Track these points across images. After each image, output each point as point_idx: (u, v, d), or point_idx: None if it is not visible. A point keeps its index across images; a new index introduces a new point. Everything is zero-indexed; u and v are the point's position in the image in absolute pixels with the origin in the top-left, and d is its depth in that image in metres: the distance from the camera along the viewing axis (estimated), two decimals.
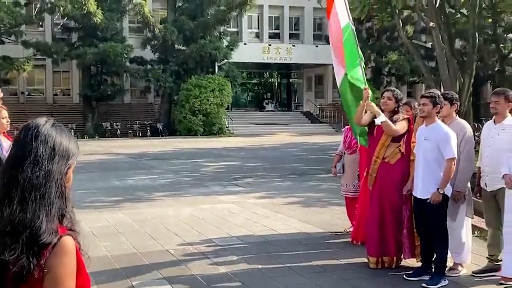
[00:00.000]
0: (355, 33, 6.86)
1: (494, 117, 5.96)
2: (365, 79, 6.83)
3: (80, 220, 1.91)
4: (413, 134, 6.28)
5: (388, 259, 6.28)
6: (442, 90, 15.77)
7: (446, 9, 19.05)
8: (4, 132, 5.48)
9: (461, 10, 20.71)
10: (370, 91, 6.52)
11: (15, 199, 1.75)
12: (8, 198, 1.76)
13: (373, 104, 6.32)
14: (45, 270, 1.74)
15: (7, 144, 5.20)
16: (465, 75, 16.83)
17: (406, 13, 28.80)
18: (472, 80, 17.31)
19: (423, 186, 5.73)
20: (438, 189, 5.59)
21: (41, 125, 1.86)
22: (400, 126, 6.25)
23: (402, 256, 6.34)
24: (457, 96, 6.42)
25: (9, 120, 5.53)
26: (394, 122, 6.23)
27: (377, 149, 6.34)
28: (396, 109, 6.40)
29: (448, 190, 5.72)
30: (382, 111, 6.30)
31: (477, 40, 16.97)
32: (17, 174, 1.78)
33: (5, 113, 3.59)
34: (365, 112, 6.45)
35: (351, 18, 7.00)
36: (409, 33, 36.66)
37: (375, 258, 6.28)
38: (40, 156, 1.80)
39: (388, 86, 40.06)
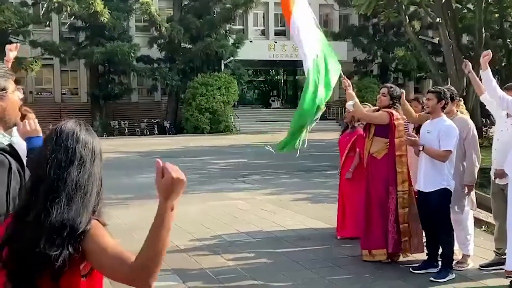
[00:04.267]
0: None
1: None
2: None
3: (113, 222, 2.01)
4: (397, 129, 6.33)
5: (378, 252, 6.38)
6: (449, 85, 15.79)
7: (453, 4, 19.02)
8: None
9: (467, 5, 20.66)
10: (348, 82, 6.57)
11: (63, 199, 1.89)
12: (56, 198, 1.89)
13: (352, 92, 6.47)
14: (83, 256, 1.88)
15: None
16: (472, 70, 16.81)
17: (412, 8, 28.74)
18: (479, 76, 17.28)
19: (426, 180, 5.81)
20: (421, 148, 5.77)
21: (78, 129, 2.00)
22: (377, 114, 6.41)
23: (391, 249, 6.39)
24: (457, 92, 6.50)
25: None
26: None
27: (365, 141, 6.57)
28: (390, 105, 6.47)
29: (451, 185, 5.78)
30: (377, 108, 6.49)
31: (483, 35, 16.96)
32: (63, 175, 1.91)
33: (31, 116, 3.47)
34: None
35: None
36: (416, 28, 36.56)
37: (366, 250, 6.43)
38: (85, 160, 1.96)
39: (394, 82, 40.18)
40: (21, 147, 2.99)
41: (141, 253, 1.88)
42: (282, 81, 49.83)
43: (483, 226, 7.73)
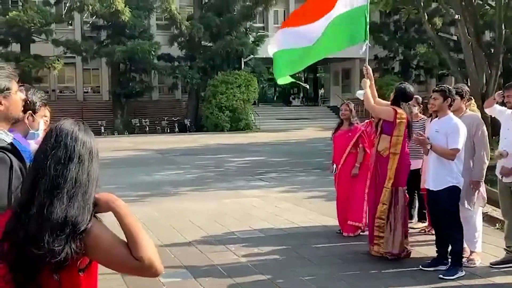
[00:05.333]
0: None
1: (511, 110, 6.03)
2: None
3: (105, 215, 2.10)
4: (397, 127, 6.36)
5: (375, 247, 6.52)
6: (468, 83, 15.68)
7: (474, 0, 18.84)
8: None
9: (489, 2, 20.46)
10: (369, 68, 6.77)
11: (65, 195, 1.98)
12: (58, 194, 1.98)
13: (367, 80, 6.62)
14: (84, 252, 1.97)
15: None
16: (492, 67, 16.66)
17: (434, 5, 28.50)
18: (499, 72, 17.13)
19: (435, 178, 5.83)
20: (429, 147, 5.79)
21: (77, 129, 2.08)
22: (383, 108, 6.48)
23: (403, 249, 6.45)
24: (467, 89, 6.51)
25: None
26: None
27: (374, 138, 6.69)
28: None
29: (460, 182, 5.80)
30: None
31: (503, 32, 16.77)
32: (64, 173, 2.00)
33: (46, 112, 3.44)
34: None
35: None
36: (437, 25, 36.22)
37: (371, 245, 6.53)
38: (83, 159, 2.04)
39: (416, 79, 39.87)
40: None
41: (130, 246, 1.98)
42: (303, 79, 49.74)
43: (497, 224, 7.69)
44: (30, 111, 3.21)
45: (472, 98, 6.93)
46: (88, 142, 2.09)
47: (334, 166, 7.81)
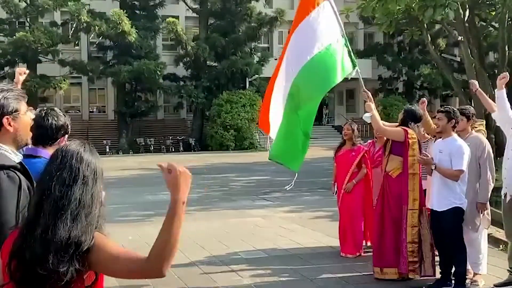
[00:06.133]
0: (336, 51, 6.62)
1: None
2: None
3: (110, 233, 2.15)
4: (411, 147, 6.35)
5: (389, 270, 6.41)
6: (472, 104, 15.70)
7: (477, 22, 18.96)
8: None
9: (492, 23, 20.59)
10: (368, 94, 6.70)
11: (68, 217, 2.03)
12: (62, 215, 2.02)
13: (370, 104, 6.55)
14: (89, 266, 2.02)
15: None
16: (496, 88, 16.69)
17: (438, 26, 28.67)
18: None
19: (438, 199, 5.85)
20: (433, 167, 5.79)
21: (82, 150, 2.15)
22: (393, 129, 6.51)
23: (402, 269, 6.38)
24: (473, 111, 6.52)
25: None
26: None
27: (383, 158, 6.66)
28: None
29: (464, 203, 5.81)
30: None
31: (507, 53, 16.85)
32: (67, 193, 2.05)
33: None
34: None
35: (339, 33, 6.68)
36: (441, 46, 36.38)
37: (378, 268, 6.45)
38: (87, 180, 2.10)
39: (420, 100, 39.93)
40: None
41: (157, 244, 2.02)
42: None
43: (501, 245, 7.68)
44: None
45: (483, 120, 6.95)
46: (93, 163, 2.14)
47: (335, 187, 7.85)
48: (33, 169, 2.50)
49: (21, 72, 4.03)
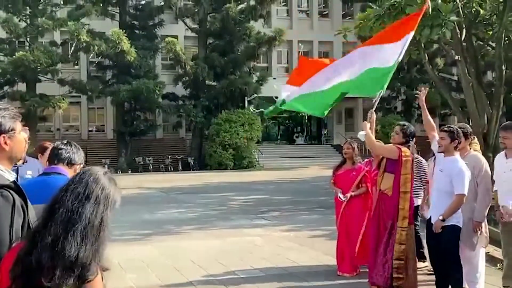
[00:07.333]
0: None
1: (505, 151, 6.06)
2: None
3: (108, 252, 2.18)
4: (404, 166, 6.36)
5: None
6: (470, 123, 15.75)
7: (474, 41, 19.06)
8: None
9: (489, 42, 20.69)
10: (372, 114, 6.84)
11: (78, 233, 2.08)
12: (72, 230, 2.07)
13: (367, 123, 6.64)
14: None
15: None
16: (493, 107, 16.73)
17: (436, 45, 28.84)
18: (500, 113, 17.19)
19: (437, 215, 5.84)
20: (441, 218, 5.70)
21: (101, 174, 2.24)
22: (386, 146, 6.55)
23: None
24: (471, 130, 6.55)
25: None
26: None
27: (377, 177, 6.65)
28: (403, 143, 6.66)
29: (460, 221, 5.80)
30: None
31: (504, 73, 16.90)
32: (79, 209, 2.12)
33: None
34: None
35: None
36: (439, 65, 36.58)
37: (375, 287, 6.45)
38: (99, 201, 2.17)
39: (419, 119, 40.07)
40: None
41: None
42: (306, 118, 50.00)
43: (498, 264, 7.65)
44: None
45: (475, 137, 6.96)
46: (107, 189, 2.22)
47: (340, 192, 7.73)
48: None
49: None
